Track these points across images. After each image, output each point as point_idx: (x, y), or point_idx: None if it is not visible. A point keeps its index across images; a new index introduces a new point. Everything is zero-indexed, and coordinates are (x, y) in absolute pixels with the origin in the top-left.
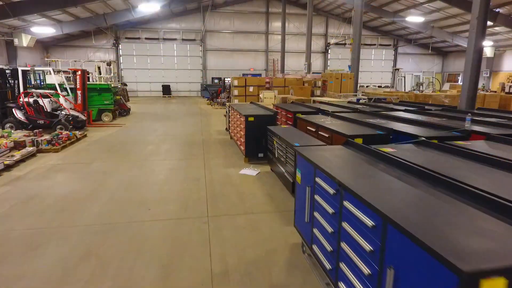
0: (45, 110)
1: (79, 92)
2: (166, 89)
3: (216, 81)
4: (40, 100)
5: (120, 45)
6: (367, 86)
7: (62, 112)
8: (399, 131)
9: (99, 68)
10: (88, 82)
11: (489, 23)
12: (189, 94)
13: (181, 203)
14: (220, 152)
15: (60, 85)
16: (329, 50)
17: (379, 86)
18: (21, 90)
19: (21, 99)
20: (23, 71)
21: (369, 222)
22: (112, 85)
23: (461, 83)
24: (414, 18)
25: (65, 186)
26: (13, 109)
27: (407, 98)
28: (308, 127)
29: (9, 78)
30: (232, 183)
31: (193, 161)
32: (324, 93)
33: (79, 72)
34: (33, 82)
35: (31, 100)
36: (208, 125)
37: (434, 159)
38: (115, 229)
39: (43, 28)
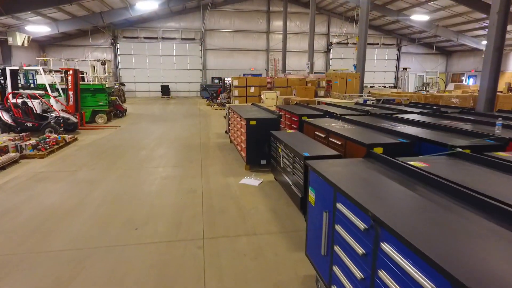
0: (35, 112)
1: (71, 93)
2: (165, 89)
3: (216, 81)
4: (29, 101)
5: (118, 44)
6: (371, 86)
7: (52, 114)
8: (423, 139)
9: (94, 67)
10: (82, 82)
11: None
12: (189, 95)
13: (173, 221)
14: (219, 158)
15: (52, 85)
16: (331, 49)
17: (383, 86)
18: (9, 90)
19: (8, 101)
20: (11, 70)
21: (427, 285)
22: (107, 85)
23: (466, 83)
24: (419, 17)
25: (44, 199)
26: None
27: (416, 99)
28: (316, 133)
29: (0, 79)
30: (231, 195)
31: (189, 169)
32: (328, 94)
33: (70, 72)
34: (23, 83)
35: (19, 101)
36: (207, 127)
37: (482, 178)
38: (93, 256)
39: (38, 27)
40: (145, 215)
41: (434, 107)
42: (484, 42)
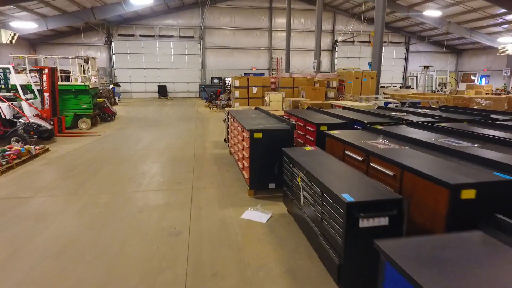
0: (3, 117)
1: (46, 95)
2: (162, 90)
3: (215, 81)
4: None
5: (112, 42)
6: (381, 87)
7: (21, 120)
8: None
9: (83, 66)
10: (62, 83)
11: (511, 17)
12: (187, 95)
13: None
14: (216, 177)
15: (27, 86)
16: (336, 47)
17: (394, 86)
18: None
19: None
20: None
21: None
22: (91, 86)
23: (478, 83)
24: (431, 12)
25: None
26: None
27: (444, 101)
28: (347, 152)
29: None
30: (230, 241)
31: (176, 194)
32: (340, 95)
33: (46, 71)
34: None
35: None
36: (204, 134)
37: None
38: None
39: (24, 23)
40: (100, 280)
41: (478, 112)
42: (500, 39)
